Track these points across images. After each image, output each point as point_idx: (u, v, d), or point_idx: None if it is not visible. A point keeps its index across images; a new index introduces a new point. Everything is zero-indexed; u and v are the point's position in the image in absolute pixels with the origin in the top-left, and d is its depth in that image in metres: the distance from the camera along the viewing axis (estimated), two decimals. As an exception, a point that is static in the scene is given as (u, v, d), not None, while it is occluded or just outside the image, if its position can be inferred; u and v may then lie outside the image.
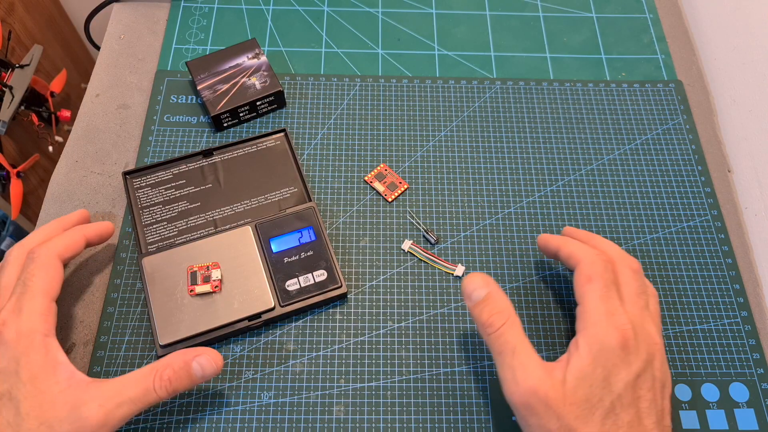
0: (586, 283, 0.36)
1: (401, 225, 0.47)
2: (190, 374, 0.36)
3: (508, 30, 0.58)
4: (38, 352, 0.34)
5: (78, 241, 0.40)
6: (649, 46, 0.57)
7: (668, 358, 0.42)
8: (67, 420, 0.33)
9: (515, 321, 0.36)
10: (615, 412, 0.32)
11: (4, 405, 0.33)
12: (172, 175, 0.47)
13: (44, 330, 0.35)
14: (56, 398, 0.33)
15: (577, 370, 0.33)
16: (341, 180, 0.49)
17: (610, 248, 0.39)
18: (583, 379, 0.33)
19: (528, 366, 0.34)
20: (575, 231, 0.43)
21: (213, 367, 0.37)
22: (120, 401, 0.34)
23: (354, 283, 0.44)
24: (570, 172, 0.50)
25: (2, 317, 0.35)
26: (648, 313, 0.36)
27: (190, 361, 0.36)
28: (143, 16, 0.57)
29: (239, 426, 0.39)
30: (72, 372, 0.35)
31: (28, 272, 0.36)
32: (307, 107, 0.52)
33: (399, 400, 0.40)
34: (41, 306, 0.35)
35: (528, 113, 0.52)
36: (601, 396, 0.33)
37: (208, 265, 0.42)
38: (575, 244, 0.39)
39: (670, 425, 0.34)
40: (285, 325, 0.43)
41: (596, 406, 0.32)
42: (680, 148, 0.51)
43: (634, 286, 0.37)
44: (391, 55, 0.56)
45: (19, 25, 0.81)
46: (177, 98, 0.52)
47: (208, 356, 0.37)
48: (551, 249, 0.41)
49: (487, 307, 0.36)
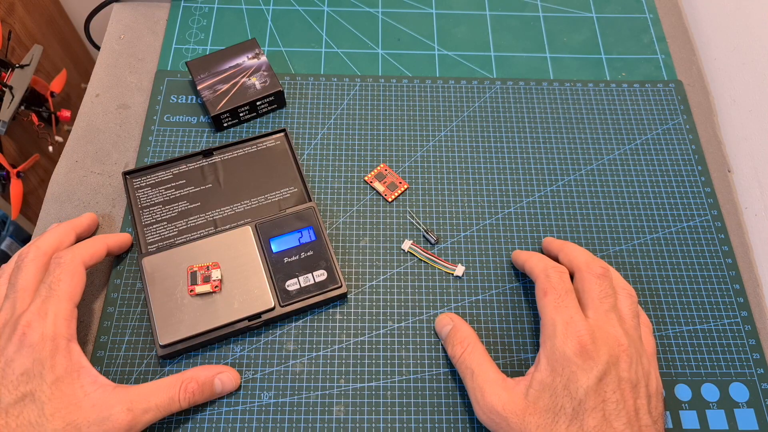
0: (543, 297, 0.38)
1: (401, 225, 0.47)
2: (212, 389, 0.39)
3: (508, 30, 0.58)
4: (63, 355, 0.35)
5: (101, 250, 0.41)
6: (649, 46, 0.57)
7: (668, 358, 0.42)
8: (95, 422, 0.34)
9: (476, 347, 0.39)
10: (579, 418, 0.33)
11: (26, 405, 0.33)
12: (172, 175, 0.47)
13: (68, 335, 0.35)
14: (82, 401, 0.34)
15: (537, 382, 0.35)
16: (341, 180, 0.49)
17: (577, 255, 0.40)
18: (543, 390, 0.34)
19: (485, 386, 0.36)
20: (552, 241, 0.44)
21: (232, 385, 0.40)
22: (147, 407, 0.35)
23: (354, 283, 0.44)
24: (570, 172, 0.50)
25: (27, 319, 0.35)
26: (614, 315, 0.37)
27: (213, 377, 0.39)
28: (143, 16, 0.57)
29: (239, 426, 0.39)
30: (96, 376, 0.35)
31: (54, 276, 0.37)
32: (307, 107, 0.52)
33: (399, 400, 0.40)
34: (66, 311, 0.36)
35: (528, 113, 0.52)
36: (562, 404, 0.33)
37: (208, 265, 0.42)
38: (534, 259, 0.41)
39: (650, 423, 0.34)
40: (285, 325, 0.43)
41: (559, 414, 0.33)
42: (680, 148, 0.51)
43: (596, 291, 0.37)
44: (391, 55, 0.56)
45: (19, 25, 0.81)
46: (177, 98, 0.52)
47: (229, 374, 0.39)
48: (519, 264, 0.43)
49: (451, 339, 0.40)
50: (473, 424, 0.40)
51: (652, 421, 0.34)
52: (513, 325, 0.43)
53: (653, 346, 0.39)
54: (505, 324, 0.43)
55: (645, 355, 0.36)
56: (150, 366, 0.41)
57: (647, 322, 0.41)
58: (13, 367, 0.34)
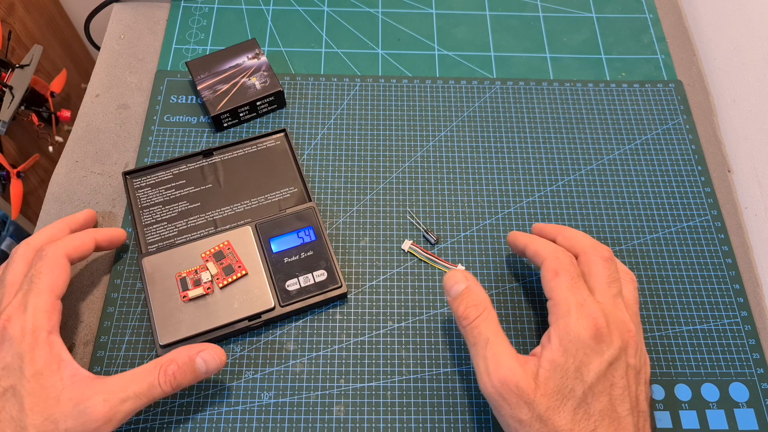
0: (554, 278, 0.37)
1: (401, 225, 0.47)
2: (194, 369, 0.37)
3: (508, 30, 0.58)
4: (42, 349, 0.34)
5: (87, 243, 0.40)
6: (649, 46, 0.57)
7: (668, 358, 0.42)
8: (71, 415, 0.33)
9: (491, 313, 0.36)
10: (587, 402, 0.33)
11: (7, 400, 0.33)
12: (172, 175, 0.47)
13: (48, 327, 0.35)
14: (60, 394, 0.34)
15: (548, 361, 0.34)
16: (341, 180, 0.49)
17: (580, 239, 0.40)
18: (554, 370, 0.33)
19: (500, 357, 0.34)
20: (544, 226, 0.43)
21: (216, 363, 0.37)
22: (124, 396, 0.34)
23: (354, 283, 0.44)
24: (570, 172, 0.50)
25: (7, 313, 0.35)
26: (621, 300, 0.37)
27: (194, 356, 0.37)
28: (143, 16, 0.57)
29: (239, 426, 0.39)
30: (76, 369, 0.35)
31: (35, 269, 0.37)
32: (307, 107, 0.52)
33: (399, 400, 0.40)
34: (46, 303, 0.35)
35: (528, 113, 0.52)
36: (573, 386, 0.33)
37: (196, 269, 0.42)
38: (540, 242, 0.40)
39: (646, 410, 0.35)
40: (285, 325, 0.43)
41: (568, 397, 0.33)
42: (680, 148, 0.51)
43: (605, 275, 0.37)
44: (391, 55, 0.56)
45: (19, 25, 0.81)
46: (177, 98, 0.52)
47: (211, 351, 0.37)
48: (519, 247, 0.42)
49: (464, 300, 0.37)
50: (473, 424, 0.40)
51: (647, 408, 0.35)
52: (513, 325, 0.43)
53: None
54: (505, 324, 0.43)
55: (643, 343, 0.37)
56: (150, 366, 0.41)
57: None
58: None
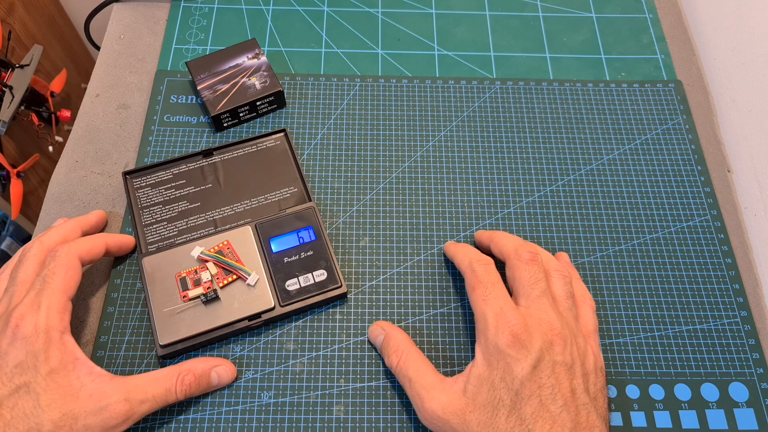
0: (472, 293, 0.38)
1: (401, 225, 0.47)
2: (208, 382, 0.39)
3: (508, 30, 0.58)
4: (56, 347, 0.35)
5: (99, 246, 0.41)
6: (648, 46, 0.57)
7: (668, 358, 0.42)
8: (92, 412, 0.34)
9: (410, 353, 0.39)
10: (517, 407, 0.33)
11: (20, 397, 0.33)
12: (172, 175, 0.47)
13: (61, 327, 0.35)
14: (78, 392, 0.34)
15: (475, 377, 0.35)
16: (341, 180, 0.49)
17: (505, 244, 0.40)
18: (481, 384, 0.34)
19: (424, 392, 0.36)
20: (481, 234, 0.44)
21: (228, 378, 0.40)
22: (144, 398, 0.36)
23: (354, 283, 0.44)
24: (570, 172, 0.50)
25: (20, 311, 0.35)
26: (546, 299, 0.37)
27: (210, 369, 0.39)
28: (143, 16, 0.57)
29: (239, 426, 0.39)
30: (91, 367, 0.36)
31: (49, 269, 0.37)
32: (307, 107, 0.52)
33: (399, 400, 0.40)
34: (59, 303, 0.36)
35: (528, 113, 0.52)
36: (500, 396, 0.34)
37: (195, 269, 0.42)
38: (460, 254, 0.41)
39: (587, 402, 0.34)
40: (285, 325, 0.43)
41: (498, 407, 0.33)
42: (680, 148, 0.51)
43: (526, 278, 0.37)
44: (391, 55, 0.56)
45: (19, 25, 0.81)
46: (177, 98, 0.52)
47: (226, 367, 0.40)
48: (450, 258, 0.43)
49: (386, 348, 0.40)
50: (473, 423, 0.40)
51: (590, 399, 0.34)
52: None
53: (594, 324, 0.39)
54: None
55: (580, 335, 0.37)
56: (150, 366, 0.41)
57: (590, 301, 0.41)
58: (7, 359, 0.34)
